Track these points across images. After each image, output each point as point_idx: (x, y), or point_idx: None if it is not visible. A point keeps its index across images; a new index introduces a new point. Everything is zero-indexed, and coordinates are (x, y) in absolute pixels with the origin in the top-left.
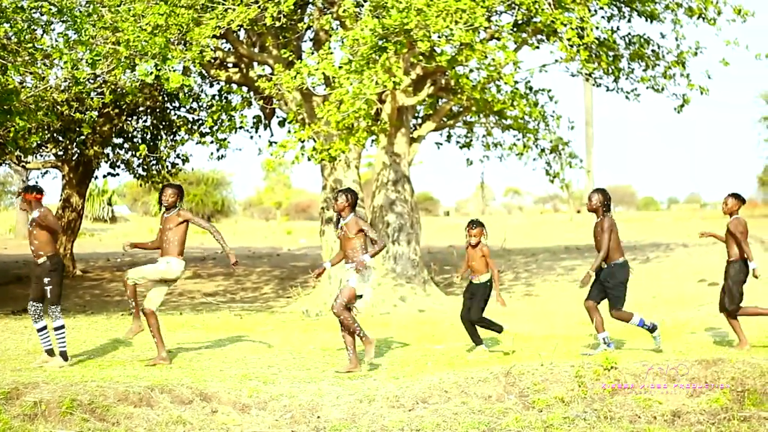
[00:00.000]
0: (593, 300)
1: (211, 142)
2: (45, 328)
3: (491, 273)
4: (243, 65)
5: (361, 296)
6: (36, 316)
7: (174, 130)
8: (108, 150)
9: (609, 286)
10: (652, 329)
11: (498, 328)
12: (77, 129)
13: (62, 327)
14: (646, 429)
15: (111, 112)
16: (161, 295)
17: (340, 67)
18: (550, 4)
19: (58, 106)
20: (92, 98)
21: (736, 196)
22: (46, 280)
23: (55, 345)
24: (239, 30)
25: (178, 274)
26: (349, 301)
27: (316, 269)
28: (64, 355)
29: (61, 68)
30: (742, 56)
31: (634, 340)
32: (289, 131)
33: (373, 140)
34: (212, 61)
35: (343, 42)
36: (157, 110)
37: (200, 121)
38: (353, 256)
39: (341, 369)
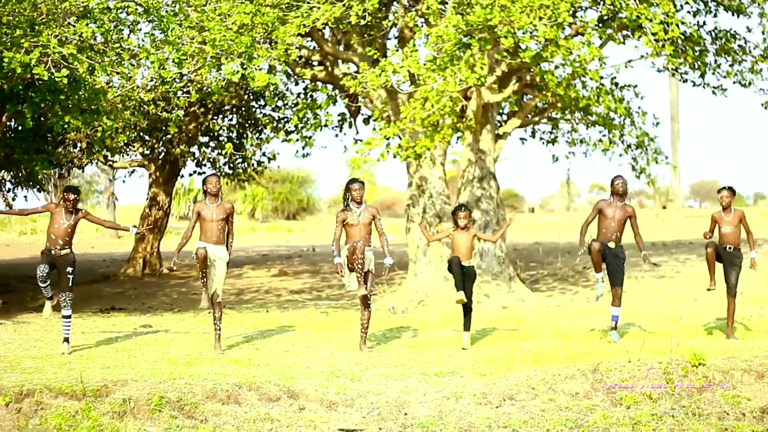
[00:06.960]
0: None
1: (297, 140)
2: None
3: (501, 232)
4: (328, 63)
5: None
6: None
7: (259, 128)
8: (194, 149)
9: (620, 263)
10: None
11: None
12: (164, 128)
13: (70, 315)
14: (734, 426)
15: (197, 111)
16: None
17: (424, 65)
18: None
19: (145, 106)
20: (178, 97)
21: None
22: (70, 269)
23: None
24: (324, 28)
25: None
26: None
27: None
28: (67, 341)
29: (148, 68)
30: None
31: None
32: (374, 129)
33: (458, 137)
34: (297, 59)
35: (427, 39)
36: (243, 109)
37: (285, 119)
38: (368, 240)
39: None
